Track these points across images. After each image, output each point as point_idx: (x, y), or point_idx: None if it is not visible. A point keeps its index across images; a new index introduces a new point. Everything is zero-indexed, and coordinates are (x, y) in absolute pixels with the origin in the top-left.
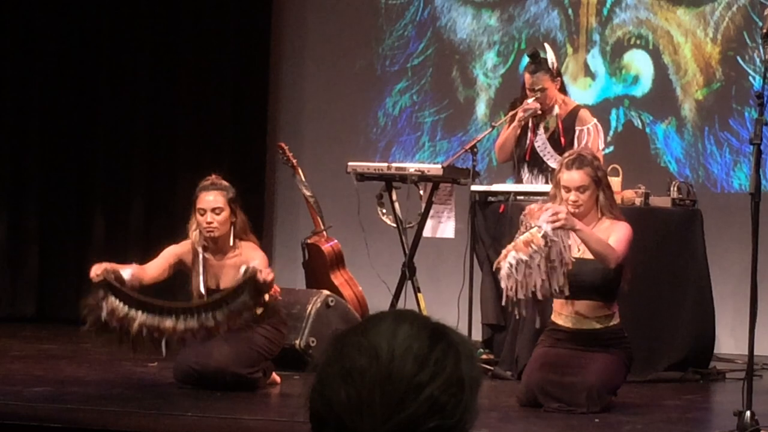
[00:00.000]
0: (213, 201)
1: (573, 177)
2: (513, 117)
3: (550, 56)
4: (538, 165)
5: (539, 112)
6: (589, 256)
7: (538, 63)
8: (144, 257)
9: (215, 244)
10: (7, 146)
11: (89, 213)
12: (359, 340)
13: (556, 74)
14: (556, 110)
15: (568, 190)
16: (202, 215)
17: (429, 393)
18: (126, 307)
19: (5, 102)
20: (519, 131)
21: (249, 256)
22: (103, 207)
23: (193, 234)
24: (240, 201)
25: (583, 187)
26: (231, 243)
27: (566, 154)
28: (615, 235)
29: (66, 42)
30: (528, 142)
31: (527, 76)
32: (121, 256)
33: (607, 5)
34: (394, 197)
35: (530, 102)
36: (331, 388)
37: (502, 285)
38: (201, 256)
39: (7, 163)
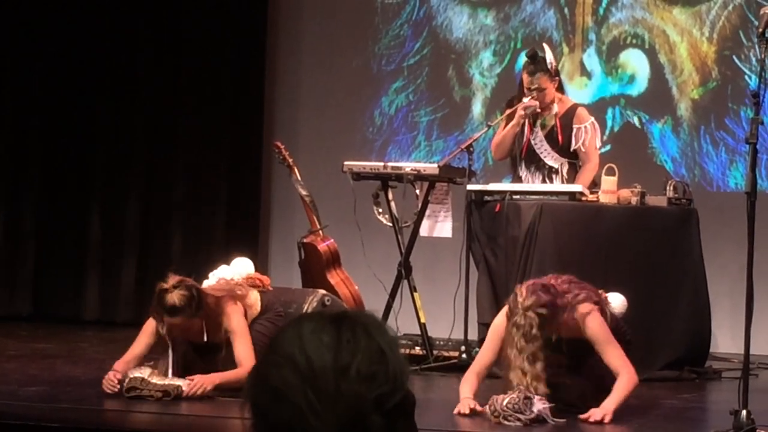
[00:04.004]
0: (178, 323)
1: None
2: (509, 116)
3: (549, 56)
4: (535, 162)
5: (538, 110)
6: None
7: (536, 63)
8: (139, 257)
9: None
10: (5, 145)
11: (86, 212)
12: (271, 359)
13: (555, 74)
14: (555, 109)
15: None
16: (170, 331)
17: (355, 370)
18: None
19: (5, 101)
20: (518, 130)
21: (230, 320)
22: (99, 206)
23: (162, 327)
24: (202, 297)
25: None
26: (205, 338)
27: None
28: (606, 351)
29: (66, 42)
30: (524, 139)
31: (525, 76)
32: (117, 255)
33: (603, 4)
34: (390, 196)
35: (528, 100)
36: (269, 415)
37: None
38: (170, 345)
39: (4, 162)
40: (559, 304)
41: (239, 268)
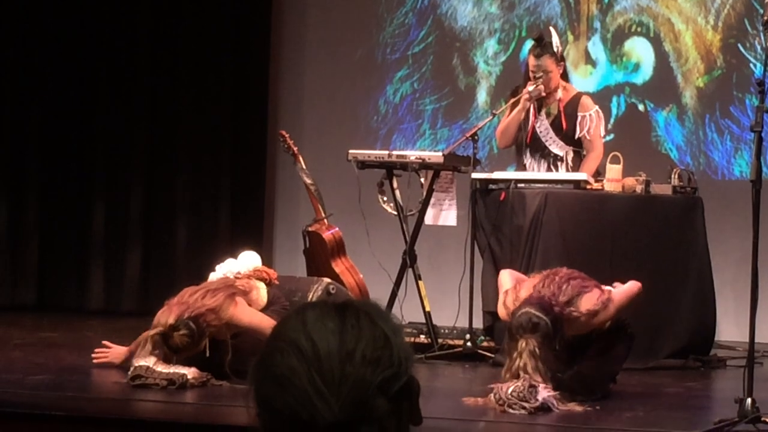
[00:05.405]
0: (184, 356)
1: None
2: (514, 105)
3: (555, 40)
4: (540, 150)
5: (543, 94)
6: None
7: (543, 46)
8: (143, 247)
9: None
10: (8, 137)
11: (89, 202)
12: (276, 345)
13: (560, 58)
14: (560, 94)
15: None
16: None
17: (360, 355)
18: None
19: (7, 94)
20: (523, 115)
21: (237, 321)
22: (103, 195)
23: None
24: (202, 325)
25: None
26: (207, 354)
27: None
28: (617, 294)
29: (66, 42)
30: (529, 126)
31: (531, 59)
32: (121, 246)
33: None
34: (395, 185)
35: (534, 87)
36: (274, 401)
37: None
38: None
39: (8, 153)
40: (560, 316)
41: (246, 261)
